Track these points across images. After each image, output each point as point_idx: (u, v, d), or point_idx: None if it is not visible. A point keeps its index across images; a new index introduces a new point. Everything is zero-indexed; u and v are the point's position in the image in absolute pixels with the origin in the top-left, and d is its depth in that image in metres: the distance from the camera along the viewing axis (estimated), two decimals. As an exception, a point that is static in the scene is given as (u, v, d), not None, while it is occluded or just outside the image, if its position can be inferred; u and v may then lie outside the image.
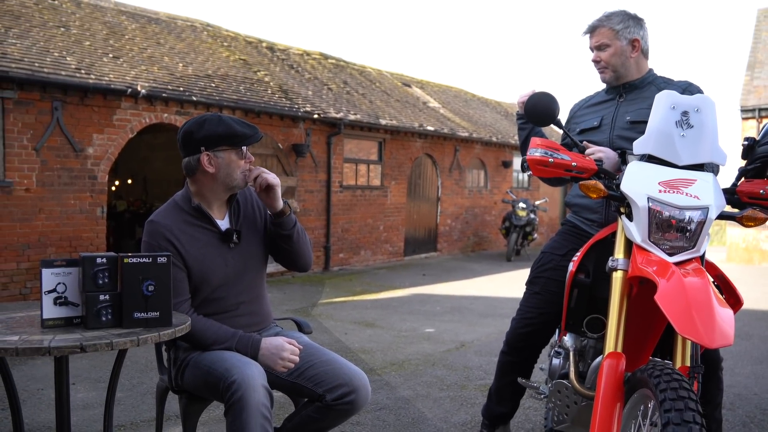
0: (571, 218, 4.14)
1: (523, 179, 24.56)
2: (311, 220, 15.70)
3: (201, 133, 3.39)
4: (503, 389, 4.22)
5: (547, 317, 3.96)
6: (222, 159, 3.40)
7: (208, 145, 3.38)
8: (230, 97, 13.67)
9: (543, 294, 3.99)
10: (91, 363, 6.73)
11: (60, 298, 2.98)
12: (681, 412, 2.42)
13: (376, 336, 8.43)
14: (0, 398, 5.56)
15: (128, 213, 18.46)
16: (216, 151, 3.39)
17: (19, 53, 11.01)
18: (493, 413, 4.29)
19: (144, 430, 4.91)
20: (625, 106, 3.90)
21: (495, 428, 4.32)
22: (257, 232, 3.63)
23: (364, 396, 3.38)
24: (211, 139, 3.38)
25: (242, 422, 3.02)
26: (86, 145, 11.47)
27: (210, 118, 3.45)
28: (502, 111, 28.16)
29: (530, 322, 4.02)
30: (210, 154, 3.38)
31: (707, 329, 2.54)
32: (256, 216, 3.66)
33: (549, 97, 3.52)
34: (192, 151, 3.41)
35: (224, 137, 3.39)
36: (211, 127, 3.40)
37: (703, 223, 2.97)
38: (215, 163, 3.39)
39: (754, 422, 5.24)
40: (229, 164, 3.41)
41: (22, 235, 10.71)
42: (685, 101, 3.15)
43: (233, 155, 3.42)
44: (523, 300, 4.14)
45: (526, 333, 4.04)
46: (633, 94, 3.91)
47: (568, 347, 3.63)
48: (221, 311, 3.47)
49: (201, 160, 3.38)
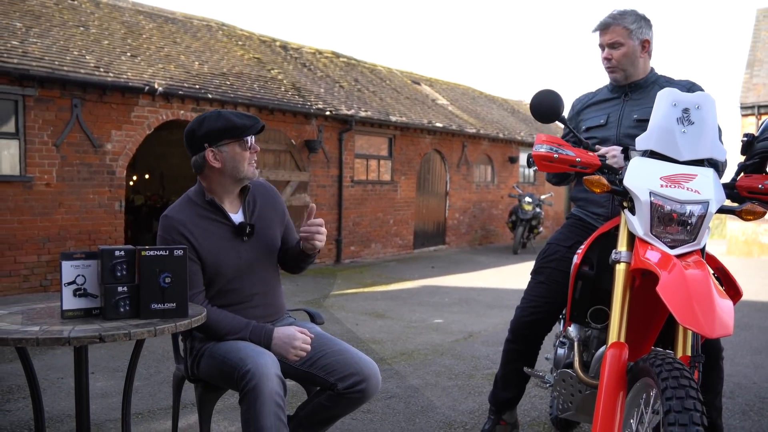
0: (576, 212, 4.13)
1: (529, 174, 24.51)
2: (323, 214, 15.68)
3: (202, 131, 3.40)
4: (509, 375, 4.21)
5: (552, 306, 3.95)
6: (226, 153, 3.40)
7: (210, 141, 3.39)
8: (245, 94, 13.68)
9: (548, 283, 3.98)
10: (110, 353, 6.75)
11: (79, 290, 2.98)
12: (682, 400, 2.42)
13: (387, 326, 8.43)
14: (21, 387, 5.59)
15: (146, 207, 18.48)
16: (219, 145, 3.39)
17: (40, 52, 11.04)
18: (499, 399, 4.28)
19: (161, 417, 4.93)
20: (631, 104, 3.88)
21: (502, 414, 4.31)
22: (272, 226, 3.63)
23: (375, 385, 3.39)
24: (212, 134, 3.39)
25: (256, 410, 3.03)
26: (105, 141, 11.49)
27: (209, 115, 3.45)
28: (508, 108, 28.10)
29: (535, 311, 4.01)
30: (214, 150, 3.39)
31: (707, 319, 2.54)
32: (274, 211, 3.67)
33: (554, 95, 3.51)
34: (197, 149, 3.42)
35: (225, 131, 3.39)
36: (210, 123, 3.40)
37: (704, 216, 2.98)
38: (220, 158, 3.40)
39: (754, 410, 5.24)
40: (234, 157, 3.41)
41: (43, 228, 10.75)
42: (685, 98, 3.15)
43: (237, 147, 3.41)
44: (528, 289, 4.12)
45: (531, 321, 4.03)
46: (638, 93, 3.90)
47: (573, 337, 3.63)
48: (235, 302, 3.48)
49: (206, 157, 3.39)
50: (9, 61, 10.13)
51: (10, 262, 10.41)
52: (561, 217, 26.22)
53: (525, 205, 19.00)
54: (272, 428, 3.04)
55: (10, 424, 4.73)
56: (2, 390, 5.54)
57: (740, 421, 4.97)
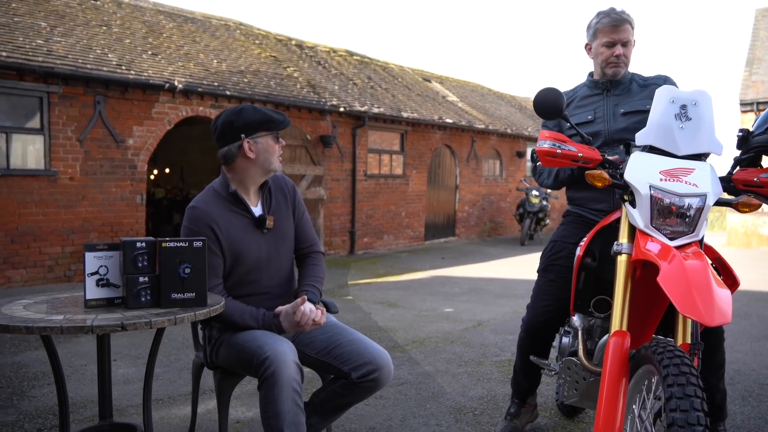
0: (574, 209, 4.12)
1: (536, 168, 24.43)
2: (337, 206, 15.73)
3: (241, 122, 3.40)
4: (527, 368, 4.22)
5: (565, 302, 3.93)
6: (261, 144, 3.42)
7: (247, 132, 3.40)
8: (261, 91, 13.67)
9: (559, 281, 3.96)
10: (131, 341, 6.76)
11: (102, 280, 2.99)
12: (683, 387, 2.43)
13: (399, 315, 8.43)
14: (46, 373, 5.62)
15: (166, 200, 18.54)
16: (255, 137, 3.41)
17: (64, 50, 11.07)
18: (521, 388, 4.31)
19: (180, 403, 4.94)
20: (614, 99, 3.94)
21: (526, 399, 4.34)
22: (287, 219, 3.64)
23: (387, 374, 3.39)
24: (251, 126, 3.40)
25: (275, 395, 3.04)
26: (127, 136, 11.52)
27: (246, 108, 3.47)
28: (516, 105, 28.02)
29: (548, 309, 4.00)
30: (250, 141, 3.40)
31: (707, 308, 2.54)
32: (287, 204, 3.66)
33: (555, 93, 3.49)
34: (232, 139, 3.41)
35: (262, 123, 3.42)
36: (249, 115, 3.42)
37: (702, 209, 2.98)
38: (255, 149, 3.41)
39: (753, 396, 5.22)
40: (267, 149, 3.43)
41: (67, 220, 10.80)
42: (683, 95, 3.15)
43: (270, 140, 3.45)
44: (538, 288, 4.09)
45: (545, 320, 4.02)
46: (618, 89, 3.95)
47: (577, 327, 3.63)
48: (254, 293, 3.49)
49: (243, 147, 3.39)
50: (34, 60, 10.17)
51: (35, 253, 10.46)
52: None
53: (532, 198, 18.99)
54: (290, 413, 3.05)
55: (35, 410, 4.75)
56: (28, 377, 5.57)
57: (740, 406, 4.95)
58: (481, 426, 4.50)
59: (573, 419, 4.64)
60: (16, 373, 5.66)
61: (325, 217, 15.35)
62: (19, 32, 11.02)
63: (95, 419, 4.37)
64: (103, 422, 3.26)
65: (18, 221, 10.22)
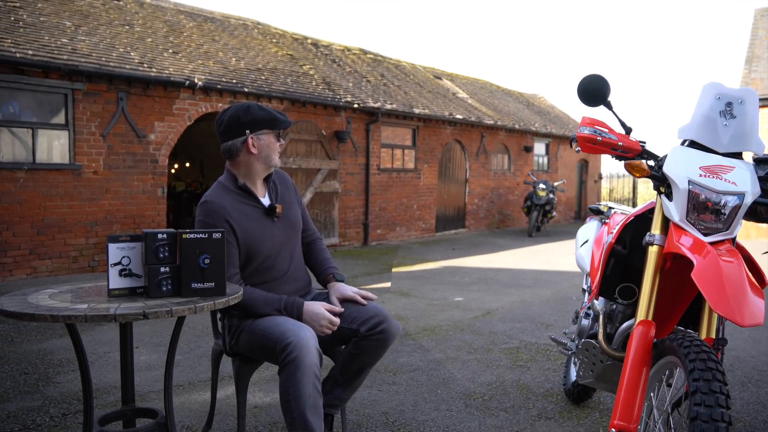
0: None
1: (543, 163, 24.39)
2: (352, 199, 15.71)
3: (247, 118, 3.45)
4: None
5: None
6: (263, 141, 3.49)
7: (252, 128, 3.45)
8: (278, 88, 13.65)
9: None
10: (153, 329, 6.76)
11: (125, 270, 2.98)
12: (709, 383, 2.37)
13: (411, 304, 8.40)
14: (70, 360, 5.62)
15: (186, 193, 18.57)
16: (259, 133, 3.46)
17: (88, 49, 11.06)
18: None
19: (200, 389, 4.93)
20: None
21: None
22: (294, 207, 3.72)
23: (395, 325, 3.53)
24: (256, 122, 3.46)
25: (297, 379, 3.06)
26: (148, 131, 11.52)
27: (252, 105, 3.52)
28: (524, 101, 27.94)
29: None
30: (254, 137, 3.46)
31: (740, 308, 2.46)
32: (292, 194, 3.76)
33: (601, 79, 3.38)
34: (237, 134, 3.46)
35: (267, 121, 3.49)
36: (255, 112, 3.47)
37: (738, 207, 2.87)
38: (258, 145, 3.47)
39: (752, 382, 5.20)
40: (269, 145, 3.51)
41: (91, 213, 10.80)
42: (730, 93, 3.01)
43: (272, 137, 3.52)
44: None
45: None
46: None
47: (599, 310, 3.58)
48: (271, 279, 3.52)
49: (247, 142, 3.45)
50: (59, 58, 10.17)
51: (60, 244, 10.47)
52: (573, 203, 26.13)
53: (539, 191, 18.97)
54: (310, 397, 3.07)
55: (60, 395, 4.74)
56: (53, 363, 5.56)
57: (739, 392, 4.92)
58: (489, 411, 4.48)
59: (579, 405, 4.61)
60: (41, 360, 5.65)
61: (339, 210, 15.33)
62: (44, 31, 11.01)
63: (118, 404, 4.37)
64: (126, 407, 3.25)
65: (44, 213, 10.22)
